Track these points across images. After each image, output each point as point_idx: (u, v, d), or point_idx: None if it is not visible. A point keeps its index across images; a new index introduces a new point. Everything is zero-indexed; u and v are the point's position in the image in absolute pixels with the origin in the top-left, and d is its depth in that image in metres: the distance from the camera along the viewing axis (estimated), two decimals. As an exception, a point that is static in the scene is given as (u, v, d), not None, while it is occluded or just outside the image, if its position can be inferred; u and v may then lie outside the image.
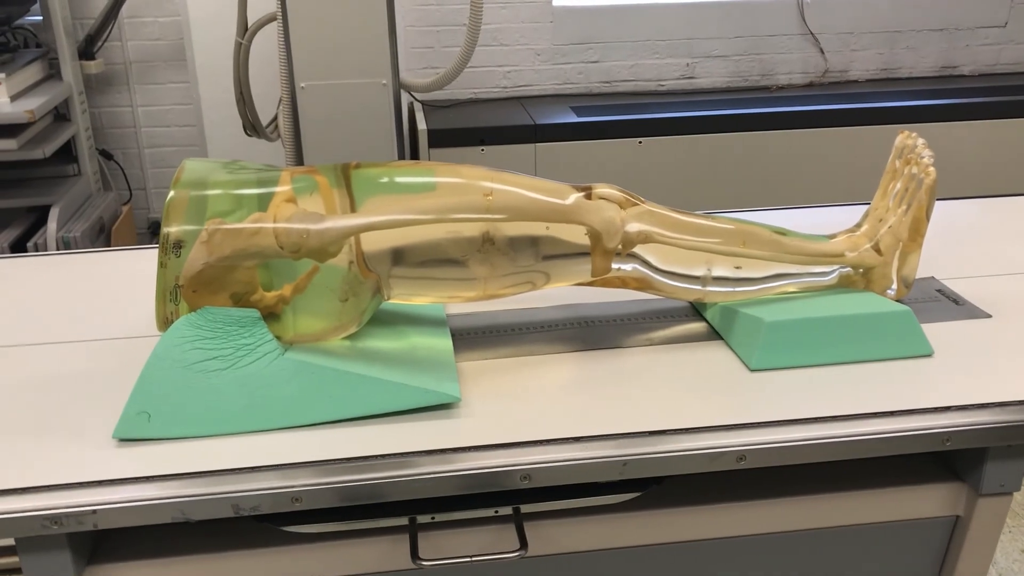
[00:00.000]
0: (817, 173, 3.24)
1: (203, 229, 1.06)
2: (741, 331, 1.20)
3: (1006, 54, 3.73)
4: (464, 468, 0.98)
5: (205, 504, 0.94)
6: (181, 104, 3.45)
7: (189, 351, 1.03)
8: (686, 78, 3.62)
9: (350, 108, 2.25)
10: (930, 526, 1.18)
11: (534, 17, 3.48)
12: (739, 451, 1.00)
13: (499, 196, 1.13)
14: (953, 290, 1.36)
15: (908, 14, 3.62)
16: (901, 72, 3.71)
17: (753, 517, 1.14)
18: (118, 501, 0.93)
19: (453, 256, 1.13)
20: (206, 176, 1.13)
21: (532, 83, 3.56)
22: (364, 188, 1.13)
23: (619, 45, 3.54)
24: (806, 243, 1.25)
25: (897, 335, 1.17)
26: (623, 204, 1.18)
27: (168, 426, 1.02)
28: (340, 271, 1.09)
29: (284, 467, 0.97)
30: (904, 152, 1.29)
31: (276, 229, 1.06)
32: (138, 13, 3.32)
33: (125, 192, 3.50)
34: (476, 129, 3.11)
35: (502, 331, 1.27)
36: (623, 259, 1.19)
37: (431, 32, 3.46)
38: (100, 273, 1.51)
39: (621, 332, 1.26)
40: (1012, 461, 1.11)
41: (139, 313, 1.33)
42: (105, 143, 3.47)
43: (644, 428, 1.03)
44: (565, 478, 0.99)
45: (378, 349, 1.15)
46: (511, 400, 1.10)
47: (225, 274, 1.07)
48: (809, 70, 3.66)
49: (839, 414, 1.04)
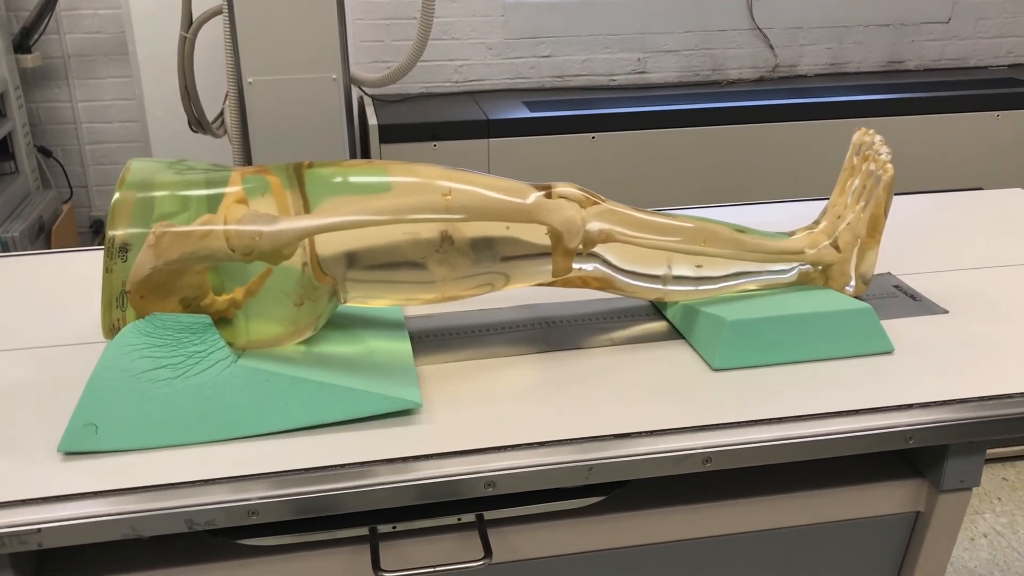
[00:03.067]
0: (768, 167, 3.26)
1: (150, 232, 1.02)
2: (703, 330, 1.19)
3: (949, 49, 3.79)
4: (426, 476, 0.96)
5: (157, 519, 0.90)
6: (123, 99, 3.35)
7: (138, 359, 0.99)
8: (638, 72, 3.62)
9: (299, 104, 2.21)
10: (892, 522, 1.18)
11: (485, 11, 3.45)
12: (705, 453, 0.99)
13: (458, 196, 1.10)
14: (910, 285, 1.37)
15: (855, 9, 3.66)
16: (849, 67, 3.75)
17: (717, 518, 1.13)
18: (64, 518, 0.89)
19: (411, 258, 1.10)
20: (153, 177, 1.08)
21: (484, 77, 3.53)
22: (318, 188, 1.09)
23: (571, 40, 3.53)
24: (766, 241, 1.25)
25: (858, 332, 1.17)
26: (583, 203, 1.17)
27: (116, 438, 0.98)
28: (294, 273, 1.06)
29: (239, 479, 0.94)
30: (862, 149, 1.29)
31: (227, 231, 1.03)
32: (76, 5, 3.22)
33: (65, 190, 3.40)
34: (428, 124, 3.07)
35: (462, 333, 1.25)
36: (584, 259, 1.17)
37: (380, 26, 3.41)
38: (41, 276, 1.46)
39: (582, 332, 1.25)
40: (972, 457, 1.11)
41: (83, 319, 1.28)
42: (44, 140, 3.36)
43: (609, 431, 1.01)
44: (530, 484, 0.97)
45: (335, 354, 1.12)
46: (473, 405, 1.08)
47: (174, 278, 1.03)
48: (759, 65, 3.69)
49: (804, 414, 1.04)
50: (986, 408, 1.06)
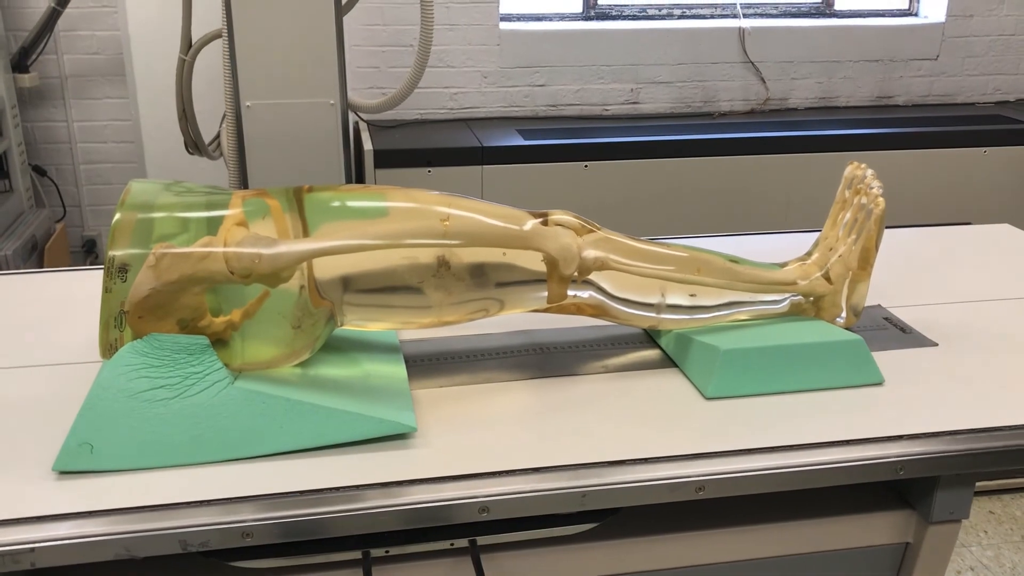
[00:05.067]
0: (758, 199, 3.29)
1: (150, 253, 1.02)
2: (696, 359, 1.20)
3: (938, 86, 3.85)
4: (420, 501, 0.96)
5: (151, 540, 0.90)
6: (119, 120, 3.36)
7: (135, 380, 1.00)
8: (631, 103, 3.66)
9: (296, 128, 2.22)
10: (881, 553, 1.19)
11: (481, 40, 3.48)
12: (698, 481, 1.00)
13: (456, 221, 1.11)
14: (900, 318, 1.38)
15: (845, 45, 3.71)
16: (839, 101, 3.80)
17: (709, 546, 1.14)
18: (58, 538, 0.89)
19: (408, 282, 1.11)
20: (153, 198, 1.09)
21: (478, 105, 3.56)
22: (318, 212, 1.10)
23: (565, 69, 3.56)
24: (759, 271, 1.26)
25: (850, 364, 1.18)
26: (579, 231, 1.18)
27: (112, 458, 0.98)
28: (291, 296, 1.07)
29: (233, 501, 0.94)
30: (854, 182, 1.31)
31: (226, 253, 1.03)
32: (75, 27, 3.24)
33: (59, 209, 3.40)
34: (423, 150, 3.09)
35: (457, 358, 1.25)
36: (579, 286, 1.18)
37: (377, 52, 3.44)
38: (35, 295, 1.46)
39: (576, 359, 1.26)
40: (961, 489, 1.12)
41: (77, 338, 1.28)
42: (38, 159, 3.36)
43: (603, 458, 1.02)
44: (524, 510, 0.98)
45: (331, 377, 1.12)
46: (467, 429, 1.08)
47: (172, 299, 1.03)
48: (750, 97, 3.73)
49: (796, 443, 1.05)
50: (976, 440, 1.07)
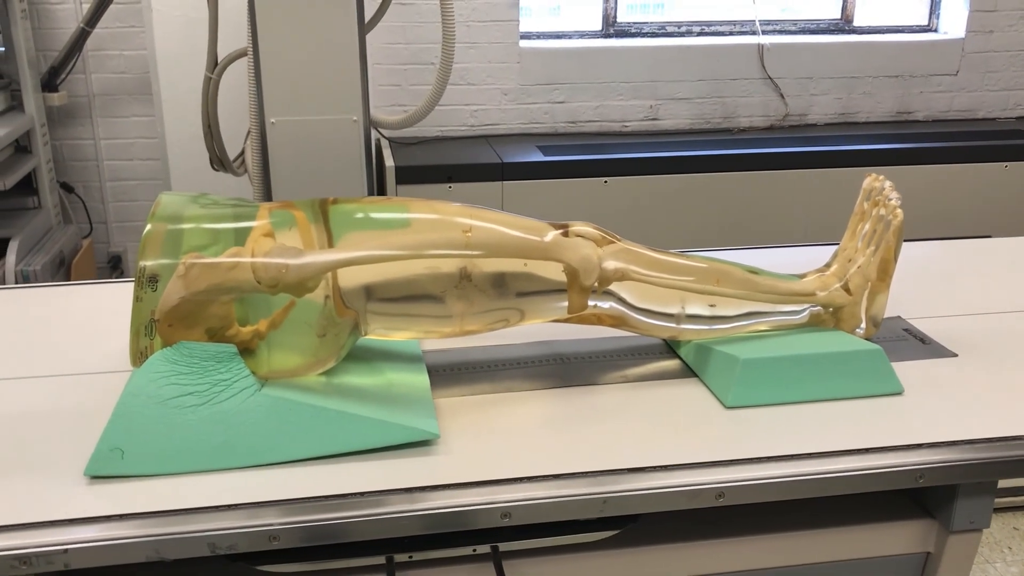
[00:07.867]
0: (777, 214, 3.30)
1: (180, 263, 1.05)
2: (716, 369, 1.21)
3: (958, 101, 3.84)
4: (444, 506, 0.97)
5: (180, 543, 0.92)
6: (145, 137, 3.42)
7: (165, 386, 1.02)
8: (650, 119, 3.68)
9: (320, 144, 2.25)
10: (901, 563, 1.19)
11: (501, 58, 3.52)
12: (718, 488, 1.01)
13: (478, 232, 1.13)
14: (920, 329, 1.39)
15: (865, 61, 3.72)
16: (859, 116, 3.80)
17: (729, 554, 1.14)
18: (90, 540, 0.91)
19: (431, 292, 1.13)
20: (183, 210, 1.12)
21: (499, 122, 3.59)
22: (342, 223, 1.12)
23: (585, 86, 3.59)
24: (778, 282, 1.27)
25: (869, 373, 1.19)
26: (600, 242, 1.19)
27: (142, 463, 1.00)
28: (316, 306, 1.09)
29: (260, 505, 0.96)
30: (872, 194, 1.32)
31: (254, 263, 1.06)
32: (103, 46, 3.30)
33: (86, 226, 3.45)
34: (443, 167, 3.13)
35: (478, 367, 1.27)
36: (599, 296, 1.20)
37: (398, 70, 3.48)
38: (63, 307, 1.49)
39: (596, 369, 1.27)
40: (982, 498, 1.12)
41: (106, 348, 1.31)
42: (66, 176, 3.42)
43: (623, 465, 1.03)
44: (546, 516, 0.99)
45: (355, 385, 1.14)
46: (489, 437, 1.09)
47: (201, 309, 1.06)
48: (770, 113, 3.74)
49: (817, 451, 1.05)
50: (996, 449, 1.07)
